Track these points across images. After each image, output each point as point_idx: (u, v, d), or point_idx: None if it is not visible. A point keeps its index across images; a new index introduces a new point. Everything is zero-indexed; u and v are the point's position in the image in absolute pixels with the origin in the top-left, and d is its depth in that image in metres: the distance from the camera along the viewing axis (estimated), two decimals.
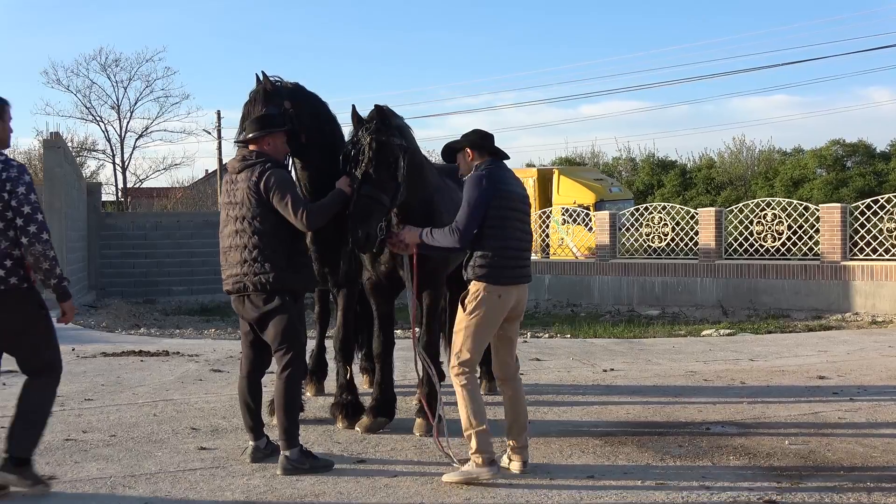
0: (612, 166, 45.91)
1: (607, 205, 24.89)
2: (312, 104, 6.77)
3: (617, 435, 6.75)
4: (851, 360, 10.76)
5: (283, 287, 5.86)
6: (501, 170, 5.78)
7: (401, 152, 6.08)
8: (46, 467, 5.85)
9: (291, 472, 5.62)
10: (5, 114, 5.41)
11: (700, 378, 9.40)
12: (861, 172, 37.85)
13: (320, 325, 8.72)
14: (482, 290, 5.57)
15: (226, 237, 5.99)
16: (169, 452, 6.27)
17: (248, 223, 5.85)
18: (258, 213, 5.83)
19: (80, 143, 42.45)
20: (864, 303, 16.73)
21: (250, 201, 5.83)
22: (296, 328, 5.92)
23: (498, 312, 5.64)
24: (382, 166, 6.00)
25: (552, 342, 13.12)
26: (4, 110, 5.41)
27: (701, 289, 18.94)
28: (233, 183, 6.00)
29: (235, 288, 5.95)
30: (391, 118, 6.24)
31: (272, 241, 5.84)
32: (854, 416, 7.38)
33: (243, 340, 6.20)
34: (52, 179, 19.08)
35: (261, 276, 5.82)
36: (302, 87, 6.79)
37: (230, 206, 5.97)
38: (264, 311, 5.87)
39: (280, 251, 5.86)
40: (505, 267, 5.61)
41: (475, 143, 5.84)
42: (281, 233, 5.87)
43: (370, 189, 5.95)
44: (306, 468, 5.67)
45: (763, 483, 5.41)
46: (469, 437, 5.55)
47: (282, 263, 5.84)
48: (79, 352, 11.61)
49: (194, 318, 17.75)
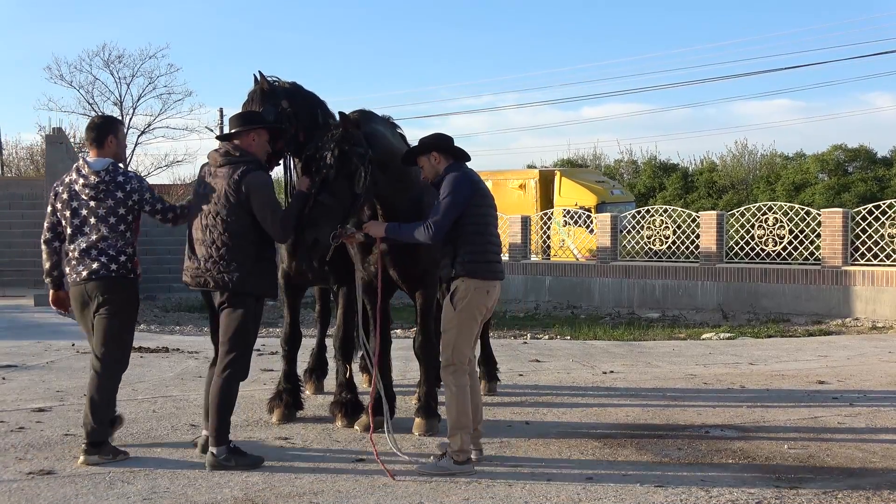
0: (614, 168, 45.86)
1: (609, 207, 24.90)
2: (310, 103, 6.76)
3: (616, 437, 6.75)
4: (851, 365, 10.75)
5: (245, 290, 5.82)
6: (472, 171, 5.97)
7: (362, 164, 5.95)
8: (45, 462, 5.87)
9: (217, 468, 5.68)
10: (118, 132, 6.11)
11: (699, 381, 9.40)
12: (863, 178, 37.79)
13: (321, 323, 8.72)
14: (472, 286, 5.73)
15: (197, 229, 5.91)
16: (168, 448, 6.27)
17: (220, 220, 5.80)
18: (233, 212, 5.78)
19: (83, 139, 42.36)
20: (864, 308, 16.72)
21: (227, 199, 5.79)
22: (247, 330, 5.89)
23: (483, 307, 5.87)
24: (341, 175, 5.92)
25: (552, 343, 13.12)
26: (117, 129, 6.15)
27: (701, 292, 18.93)
28: (211, 176, 5.93)
29: (196, 282, 5.91)
30: (363, 125, 6.13)
31: (242, 242, 5.81)
32: (854, 421, 7.38)
33: (212, 334, 6.15)
34: (54, 175, 19.09)
35: (224, 274, 5.79)
36: (300, 87, 6.79)
37: (203, 198, 5.90)
38: (223, 308, 5.87)
39: (248, 253, 5.83)
40: (490, 262, 5.83)
41: (442, 146, 5.96)
42: (251, 235, 5.84)
43: (326, 196, 5.89)
44: (232, 465, 5.70)
45: (762, 486, 5.41)
46: (455, 435, 5.67)
47: (248, 266, 5.82)
48: (79, 347, 11.60)
49: (194, 315, 17.75)
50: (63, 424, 6.99)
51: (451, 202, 5.72)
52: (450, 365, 5.76)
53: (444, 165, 5.90)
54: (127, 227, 5.97)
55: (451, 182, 5.76)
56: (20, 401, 7.97)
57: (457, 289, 5.75)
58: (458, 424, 5.69)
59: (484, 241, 5.83)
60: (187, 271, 5.98)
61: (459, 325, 5.76)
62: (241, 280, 5.79)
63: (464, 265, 5.72)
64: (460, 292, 5.74)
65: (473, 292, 5.74)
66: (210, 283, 5.85)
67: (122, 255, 5.93)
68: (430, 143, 5.98)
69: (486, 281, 5.79)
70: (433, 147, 5.94)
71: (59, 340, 12.36)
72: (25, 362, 10.33)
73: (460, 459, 5.65)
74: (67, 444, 6.35)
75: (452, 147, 5.97)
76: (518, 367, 10.33)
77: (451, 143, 5.99)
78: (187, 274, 5.98)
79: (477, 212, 5.81)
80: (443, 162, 5.92)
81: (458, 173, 5.82)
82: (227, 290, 5.81)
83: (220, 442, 5.75)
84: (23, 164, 39.57)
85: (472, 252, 5.75)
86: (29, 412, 7.43)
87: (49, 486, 5.36)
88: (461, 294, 5.74)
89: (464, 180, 5.78)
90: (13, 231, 23.13)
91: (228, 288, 5.80)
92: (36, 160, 37.43)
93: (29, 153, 40.12)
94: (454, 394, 5.74)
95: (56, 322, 15.22)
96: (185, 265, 6.00)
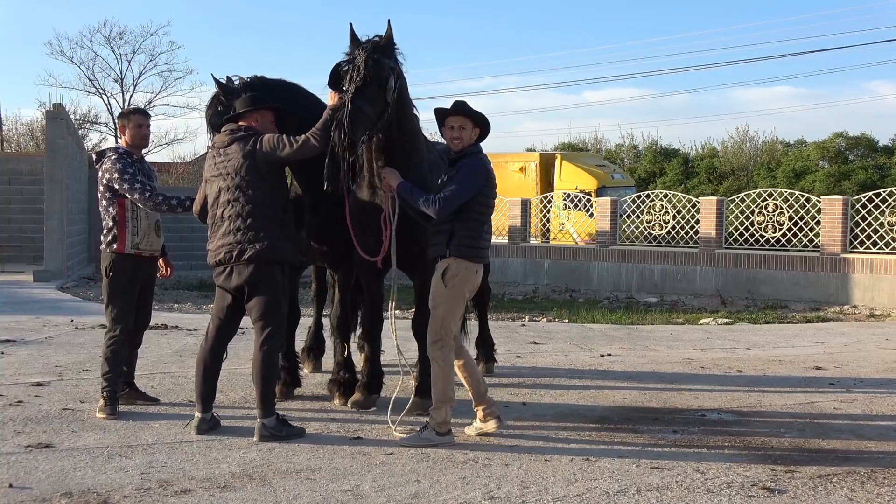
0: (615, 153, 45.85)
1: (609, 191, 24.88)
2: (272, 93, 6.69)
3: (613, 419, 6.77)
4: (849, 351, 10.78)
5: (275, 256, 5.96)
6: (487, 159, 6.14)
7: (392, 74, 6.13)
8: (43, 435, 5.88)
9: (269, 439, 5.83)
10: (130, 122, 6.77)
11: (697, 365, 9.42)
12: (863, 166, 37.80)
13: (317, 302, 8.73)
14: (463, 266, 5.94)
15: (218, 207, 6.04)
16: (166, 424, 6.29)
17: (241, 192, 5.94)
18: (252, 181, 5.93)
19: (83, 116, 42.25)
20: (862, 296, 16.74)
21: (245, 170, 5.93)
22: (279, 301, 6.04)
23: (472, 287, 6.09)
24: (374, 83, 6.02)
25: (550, 326, 13.15)
26: (129, 118, 6.81)
27: (700, 277, 18.95)
28: (223, 156, 6.05)
29: (225, 257, 5.99)
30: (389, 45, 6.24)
31: (266, 209, 5.94)
32: (850, 406, 7.40)
33: (217, 311, 6.24)
34: (54, 151, 19.06)
35: (256, 243, 5.90)
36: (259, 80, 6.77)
37: (220, 178, 6.04)
38: (251, 282, 5.95)
39: (273, 219, 5.96)
40: (482, 248, 6.09)
41: (486, 126, 6.09)
42: (274, 202, 5.99)
43: (360, 101, 5.95)
44: (283, 435, 5.88)
45: (757, 469, 5.43)
46: (440, 408, 5.88)
47: (275, 232, 5.95)
48: (77, 323, 11.62)
49: (192, 294, 17.75)
50: (61, 399, 7.00)
51: (465, 188, 5.89)
52: (438, 340, 5.95)
53: (471, 143, 6.04)
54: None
55: (470, 169, 5.93)
56: (19, 375, 7.99)
57: (448, 267, 5.92)
58: (443, 398, 5.90)
59: (481, 228, 6.06)
60: (216, 251, 6.06)
61: (449, 302, 5.95)
62: (271, 246, 5.92)
63: (459, 247, 5.91)
64: (452, 270, 5.92)
65: (464, 272, 5.94)
66: (239, 255, 5.93)
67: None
68: (481, 119, 6.05)
69: (475, 263, 6.01)
70: (479, 123, 6.04)
71: (58, 316, 12.37)
72: (24, 337, 10.34)
73: (443, 431, 5.88)
74: (65, 419, 6.37)
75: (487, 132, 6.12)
76: (516, 348, 10.35)
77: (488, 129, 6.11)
78: (217, 253, 6.05)
79: (483, 200, 6.03)
80: (473, 140, 6.05)
81: (478, 162, 5.98)
82: (259, 260, 5.90)
83: (269, 413, 5.93)
84: (23, 140, 39.51)
85: (469, 237, 5.96)
86: (27, 386, 7.45)
87: (47, 458, 5.38)
88: (453, 272, 5.92)
89: (482, 171, 5.97)
90: (12, 207, 23.10)
91: (261, 257, 5.90)
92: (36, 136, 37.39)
93: (29, 129, 40.08)
94: (441, 368, 5.94)
95: (54, 298, 15.25)
96: (212, 247, 6.09)
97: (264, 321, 5.97)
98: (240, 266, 5.96)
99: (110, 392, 6.47)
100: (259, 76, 6.86)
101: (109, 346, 6.55)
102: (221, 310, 6.19)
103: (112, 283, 6.61)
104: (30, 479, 5.00)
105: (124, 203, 6.60)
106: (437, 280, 5.97)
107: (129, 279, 6.63)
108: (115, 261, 6.60)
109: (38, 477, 5.04)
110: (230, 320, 6.21)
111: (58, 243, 18.67)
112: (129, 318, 6.63)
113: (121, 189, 6.56)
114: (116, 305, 6.59)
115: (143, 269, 6.75)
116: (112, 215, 6.63)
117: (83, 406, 6.77)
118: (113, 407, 6.45)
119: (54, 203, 18.72)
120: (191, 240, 23.23)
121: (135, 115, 6.92)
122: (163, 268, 7.03)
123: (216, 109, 6.76)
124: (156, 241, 6.81)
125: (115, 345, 6.55)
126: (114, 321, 6.59)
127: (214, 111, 6.77)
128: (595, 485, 5.08)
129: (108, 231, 6.64)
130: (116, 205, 6.60)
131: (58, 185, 18.81)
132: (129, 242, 6.61)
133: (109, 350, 6.54)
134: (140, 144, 6.84)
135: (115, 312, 6.59)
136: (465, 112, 6.02)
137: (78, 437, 5.92)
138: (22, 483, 4.92)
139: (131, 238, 6.62)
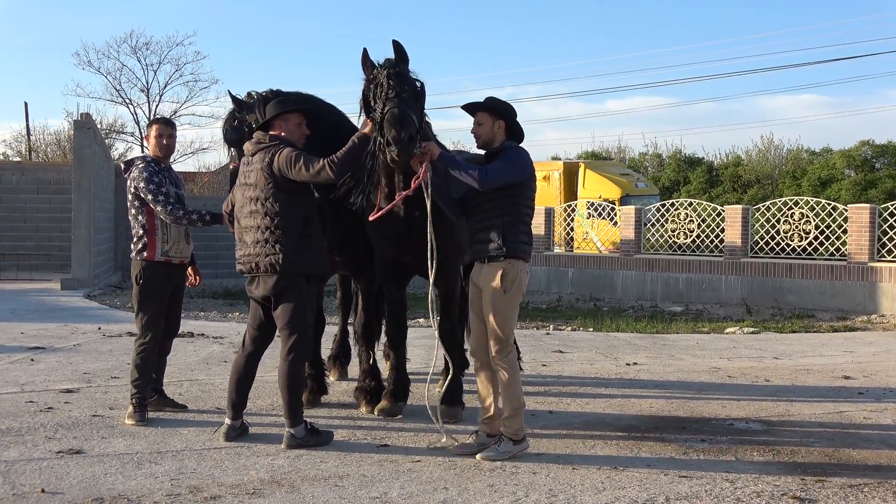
0: (639, 161, 45.66)
1: (633, 200, 24.80)
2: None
3: (640, 428, 6.74)
4: (878, 361, 10.67)
5: (291, 269, 5.95)
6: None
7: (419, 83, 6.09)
8: (74, 441, 5.94)
9: (296, 447, 5.83)
10: (151, 131, 6.88)
11: (724, 374, 9.36)
12: (890, 174, 37.39)
13: (343, 310, 8.76)
14: (519, 268, 5.82)
15: (242, 218, 6.09)
16: (194, 430, 6.33)
17: (261, 204, 5.96)
18: (270, 194, 5.93)
19: (110, 125, 42.71)
20: (891, 305, 16.56)
21: (264, 183, 5.94)
22: (303, 311, 6.02)
23: (524, 287, 5.94)
24: (408, 90, 5.97)
25: (575, 335, 13.11)
26: (150, 128, 6.96)
27: (725, 286, 18.83)
28: (248, 164, 6.10)
29: (248, 267, 6.05)
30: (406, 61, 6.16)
31: (283, 222, 5.93)
32: (880, 416, 7.33)
33: (251, 321, 6.30)
34: (81, 160, 19.23)
35: (271, 256, 5.93)
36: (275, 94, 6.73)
37: (246, 188, 6.07)
38: (275, 292, 5.98)
39: (290, 233, 5.94)
40: (531, 245, 5.96)
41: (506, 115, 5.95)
42: (292, 214, 5.97)
43: (405, 106, 5.84)
44: (311, 444, 5.88)
45: (787, 479, 5.39)
46: (513, 417, 5.74)
47: (290, 245, 5.93)
48: (105, 331, 11.72)
49: (218, 302, 17.82)
50: (91, 405, 7.07)
51: (512, 167, 5.75)
52: (502, 348, 5.78)
53: (502, 139, 5.94)
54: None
55: (520, 156, 5.84)
56: (48, 381, 8.07)
57: (505, 272, 5.75)
58: (517, 405, 5.79)
59: (528, 226, 5.96)
60: (241, 260, 6.11)
61: (509, 309, 5.83)
62: (286, 259, 5.91)
63: (516, 244, 5.78)
64: (511, 275, 5.76)
65: (521, 274, 5.83)
66: (260, 266, 5.97)
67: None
68: (508, 111, 5.98)
69: (527, 263, 5.91)
70: (505, 116, 5.96)
71: (86, 324, 12.48)
72: (53, 345, 10.44)
73: (518, 438, 5.77)
74: (95, 425, 6.43)
75: (518, 128, 6.03)
76: (541, 357, 10.33)
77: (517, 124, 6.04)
78: (241, 262, 6.12)
79: (530, 194, 5.95)
80: (503, 135, 5.96)
81: (523, 151, 5.90)
82: (276, 273, 5.93)
83: (297, 422, 5.94)
84: (50, 150, 39.91)
85: (525, 232, 5.87)
86: (57, 393, 7.52)
87: (78, 464, 5.43)
88: (512, 276, 5.76)
89: (528, 159, 5.88)
90: (40, 216, 23.35)
91: (277, 269, 5.92)
92: (63, 146, 37.74)
93: (56, 139, 40.46)
94: (512, 375, 5.79)
95: (82, 306, 15.37)
96: (238, 256, 6.14)
97: (289, 330, 5.99)
98: (264, 276, 6.00)
99: (139, 399, 6.53)
100: (275, 90, 6.86)
101: (139, 353, 6.61)
102: (255, 318, 6.23)
103: (142, 291, 6.66)
104: (61, 484, 5.05)
105: (153, 211, 6.66)
106: (494, 287, 5.75)
107: (160, 286, 6.69)
108: (145, 268, 6.66)
109: (69, 482, 5.08)
110: (263, 329, 6.23)
111: (85, 252, 18.83)
112: (159, 325, 6.68)
113: (145, 198, 6.62)
114: (147, 312, 6.65)
115: (172, 277, 6.80)
116: (142, 223, 6.69)
117: (112, 412, 6.83)
118: (142, 413, 6.50)
119: (81, 212, 18.88)
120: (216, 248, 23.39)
121: (156, 124, 6.98)
122: (191, 276, 7.08)
123: (231, 125, 6.83)
124: (185, 248, 6.85)
125: (144, 352, 6.60)
126: (144, 328, 6.65)
127: (230, 126, 6.84)
128: (623, 493, 5.06)
129: (139, 239, 6.71)
130: (146, 213, 6.66)
131: (85, 194, 18.98)
132: (159, 250, 6.67)
133: (139, 357, 6.60)
134: (161, 154, 6.88)
135: (145, 319, 6.64)
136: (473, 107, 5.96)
137: (108, 443, 5.97)
138: (54, 488, 4.97)
139: (161, 245, 6.67)
